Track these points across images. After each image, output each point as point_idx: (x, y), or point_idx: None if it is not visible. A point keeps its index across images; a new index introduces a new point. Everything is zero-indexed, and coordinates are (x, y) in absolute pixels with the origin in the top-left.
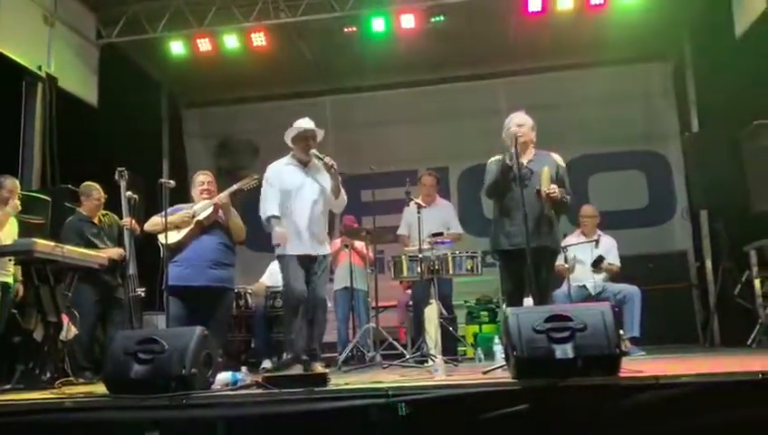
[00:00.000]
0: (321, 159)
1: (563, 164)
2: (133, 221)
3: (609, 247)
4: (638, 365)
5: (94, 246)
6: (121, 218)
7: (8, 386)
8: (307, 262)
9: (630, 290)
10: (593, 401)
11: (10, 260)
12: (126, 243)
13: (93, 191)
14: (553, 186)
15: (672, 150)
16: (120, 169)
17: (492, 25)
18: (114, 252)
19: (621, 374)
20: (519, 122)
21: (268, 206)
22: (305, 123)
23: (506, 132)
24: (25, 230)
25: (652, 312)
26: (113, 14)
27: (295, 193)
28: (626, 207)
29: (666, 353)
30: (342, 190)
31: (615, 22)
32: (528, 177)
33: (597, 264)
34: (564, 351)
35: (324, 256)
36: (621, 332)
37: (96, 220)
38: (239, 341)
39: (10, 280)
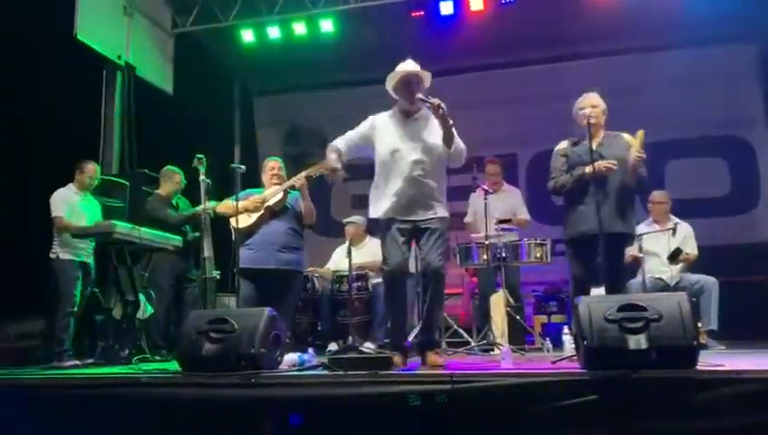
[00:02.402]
0: (426, 102)
1: (635, 144)
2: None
3: (686, 236)
4: (717, 359)
5: (169, 228)
6: (199, 203)
7: (90, 361)
8: (411, 230)
9: (708, 281)
10: (668, 395)
11: (91, 241)
12: (202, 226)
13: (174, 175)
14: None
15: (757, 136)
16: (198, 155)
17: (563, 6)
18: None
19: (699, 368)
20: (593, 103)
21: (339, 137)
22: (407, 66)
23: (578, 113)
24: (106, 213)
25: (731, 305)
26: (187, 4)
27: (394, 151)
28: (705, 196)
29: (746, 348)
30: (458, 139)
31: (694, 1)
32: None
33: (675, 256)
34: (637, 341)
35: (438, 220)
36: (699, 324)
37: (174, 202)
38: (306, 323)
39: (91, 260)
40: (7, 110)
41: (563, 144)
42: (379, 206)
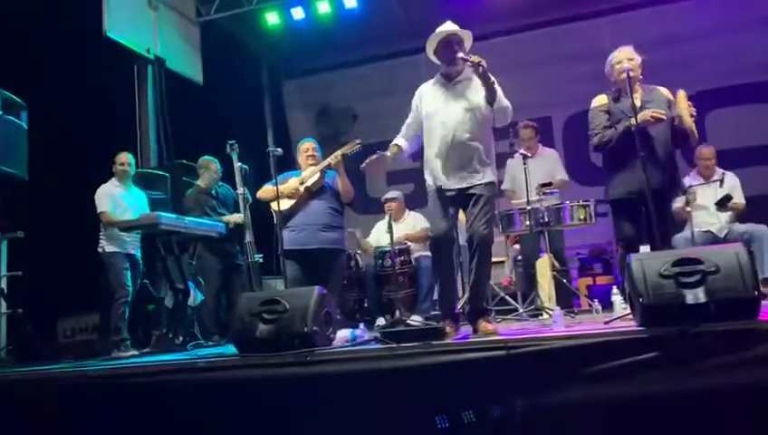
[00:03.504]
0: (467, 60)
1: (671, 97)
2: (246, 190)
3: (733, 186)
4: None
5: (213, 217)
6: (235, 189)
7: (146, 350)
8: (457, 197)
9: (758, 228)
10: (730, 348)
11: (137, 234)
12: (242, 211)
13: (211, 165)
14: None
15: None
16: (230, 141)
17: None
18: (236, 217)
19: (762, 318)
20: (629, 56)
21: (399, 135)
22: (446, 26)
23: (614, 67)
24: (151, 205)
25: None
26: None
27: (434, 117)
28: (749, 144)
29: None
30: (502, 96)
31: None
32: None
33: (723, 202)
34: (696, 295)
35: (485, 186)
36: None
37: (213, 192)
38: (353, 300)
39: (137, 252)
40: (47, 113)
41: (602, 98)
42: (427, 174)
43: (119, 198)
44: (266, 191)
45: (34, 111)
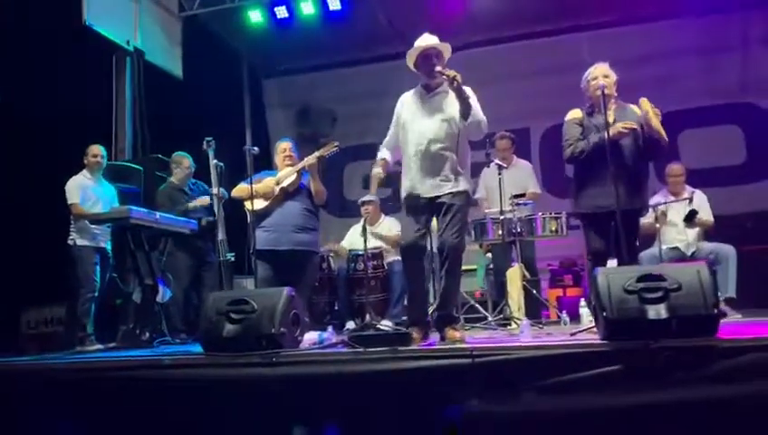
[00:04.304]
0: (443, 74)
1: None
2: (221, 188)
3: (701, 204)
4: (736, 327)
5: (185, 214)
6: (210, 186)
7: (112, 345)
8: (429, 205)
9: (725, 248)
10: (689, 364)
11: (108, 227)
12: (215, 210)
13: (184, 160)
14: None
15: None
16: (207, 138)
17: None
18: (201, 200)
19: (720, 336)
20: (605, 73)
21: (383, 144)
22: (424, 40)
23: (590, 83)
24: (122, 198)
25: (749, 273)
26: None
27: (410, 126)
28: (720, 164)
29: (764, 317)
30: (477, 111)
31: None
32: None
33: (690, 217)
34: (657, 311)
35: (457, 195)
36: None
37: (186, 189)
38: (324, 302)
39: (107, 246)
40: (20, 101)
41: (576, 112)
42: (403, 182)
43: (89, 191)
44: (241, 190)
45: (5, 98)
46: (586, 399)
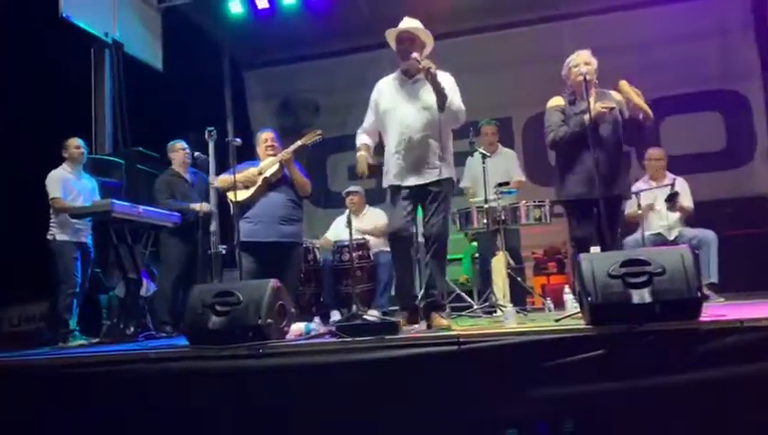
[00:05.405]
0: (418, 63)
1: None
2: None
3: (682, 190)
4: (719, 310)
5: (184, 202)
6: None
7: (96, 340)
8: (413, 193)
9: (706, 234)
10: (673, 347)
11: (88, 221)
12: (212, 200)
13: (176, 145)
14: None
15: (752, 89)
16: (209, 128)
17: None
18: (204, 207)
19: (703, 319)
20: (586, 60)
21: (360, 128)
22: (402, 23)
23: (571, 70)
24: (103, 192)
25: (730, 258)
26: None
27: (391, 113)
28: (701, 151)
29: (745, 300)
30: (455, 101)
31: None
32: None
33: (671, 199)
34: (641, 296)
35: (441, 182)
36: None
37: (188, 178)
38: (309, 294)
39: (89, 240)
40: None
41: (558, 99)
42: (386, 172)
43: (70, 184)
44: (224, 181)
45: None
46: (572, 385)
